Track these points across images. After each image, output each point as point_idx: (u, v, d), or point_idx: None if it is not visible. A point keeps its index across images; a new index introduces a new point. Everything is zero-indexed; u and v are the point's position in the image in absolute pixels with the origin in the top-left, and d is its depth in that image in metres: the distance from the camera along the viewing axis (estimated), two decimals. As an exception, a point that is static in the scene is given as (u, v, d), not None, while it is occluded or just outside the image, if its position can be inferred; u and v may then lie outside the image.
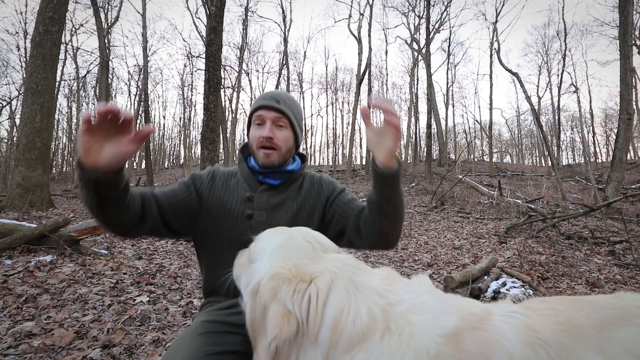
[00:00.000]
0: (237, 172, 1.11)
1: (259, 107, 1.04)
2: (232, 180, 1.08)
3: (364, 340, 0.53)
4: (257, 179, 1.07)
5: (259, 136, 1.03)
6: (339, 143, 36.16)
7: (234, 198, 1.04)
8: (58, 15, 7.03)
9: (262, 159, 1.03)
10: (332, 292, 0.57)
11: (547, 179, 17.12)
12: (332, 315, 0.54)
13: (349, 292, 0.57)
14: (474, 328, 0.54)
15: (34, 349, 1.62)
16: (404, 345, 0.52)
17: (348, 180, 17.99)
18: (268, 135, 1.01)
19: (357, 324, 0.54)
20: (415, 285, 0.63)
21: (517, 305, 0.61)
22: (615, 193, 8.62)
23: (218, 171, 1.10)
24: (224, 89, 22.58)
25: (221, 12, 6.92)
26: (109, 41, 18.39)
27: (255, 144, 1.04)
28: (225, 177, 1.09)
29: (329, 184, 1.12)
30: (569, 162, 36.79)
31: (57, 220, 3.33)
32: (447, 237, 5.42)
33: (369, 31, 20.36)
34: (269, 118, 1.03)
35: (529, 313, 0.58)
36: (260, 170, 1.05)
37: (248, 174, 1.07)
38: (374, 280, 0.61)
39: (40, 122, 6.73)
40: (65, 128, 31.56)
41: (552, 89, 29.80)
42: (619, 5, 9.48)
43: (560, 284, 3.02)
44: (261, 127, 1.04)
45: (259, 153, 1.03)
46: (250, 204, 1.03)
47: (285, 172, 1.07)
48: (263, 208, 1.03)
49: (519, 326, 0.55)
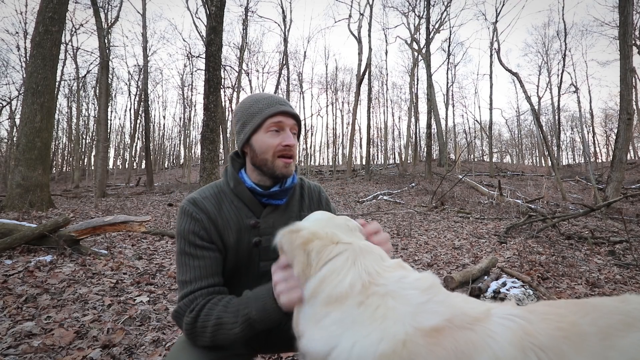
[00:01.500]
0: (225, 194, 0.96)
1: (277, 113, 0.94)
2: (225, 206, 0.94)
3: (340, 303, 0.63)
4: (260, 202, 0.97)
5: (278, 144, 0.93)
6: (339, 143, 36.21)
7: (236, 228, 0.93)
8: (58, 15, 7.03)
9: (282, 169, 0.94)
10: (338, 256, 0.68)
11: (547, 179, 17.12)
12: (325, 271, 0.67)
13: (348, 262, 0.67)
14: (461, 328, 0.56)
15: (34, 349, 1.62)
16: (376, 323, 0.58)
17: (348, 180, 17.97)
18: (293, 143, 0.94)
19: (337, 287, 0.64)
20: (412, 280, 0.65)
21: (520, 309, 0.61)
22: (615, 193, 8.62)
23: (204, 206, 0.92)
24: (224, 89, 22.59)
25: (221, 12, 6.92)
26: (109, 41, 18.38)
27: (272, 152, 0.93)
28: (215, 206, 0.93)
29: (325, 203, 1.11)
30: (569, 162, 36.83)
31: (57, 220, 3.33)
32: (447, 237, 5.42)
33: (369, 31, 20.36)
34: (288, 125, 0.95)
35: (530, 317, 0.58)
36: (263, 192, 0.95)
37: (250, 198, 0.96)
38: (376, 264, 0.68)
39: (40, 122, 6.73)
40: (65, 128, 31.61)
41: (552, 89, 29.86)
42: (619, 5, 9.48)
43: (560, 284, 3.02)
44: (279, 134, 0.94)
45: (277, 162, 0.93)
46: (256, 230, 0.95)
47: (287, 189, 0.99)
48: (270, 233, 0.94)
49: (515, 330, 0.55)
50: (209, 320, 0.79)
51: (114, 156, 37.19)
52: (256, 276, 0.97)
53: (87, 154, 29.09)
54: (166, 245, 4.27)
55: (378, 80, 33.64)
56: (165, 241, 4.52)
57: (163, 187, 17.36)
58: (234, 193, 0.96)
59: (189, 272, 0.87)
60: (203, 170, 6.51)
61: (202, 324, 0.80)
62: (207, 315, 0.80)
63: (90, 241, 4.03)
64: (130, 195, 12.62)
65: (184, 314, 0.83)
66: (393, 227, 6.30)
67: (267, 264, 0.96)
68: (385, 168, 26.16)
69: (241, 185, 0.96)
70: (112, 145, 33.51)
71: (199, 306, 0.82)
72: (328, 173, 23.80)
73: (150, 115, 23.55)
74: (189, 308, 0.83)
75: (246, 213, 0.95)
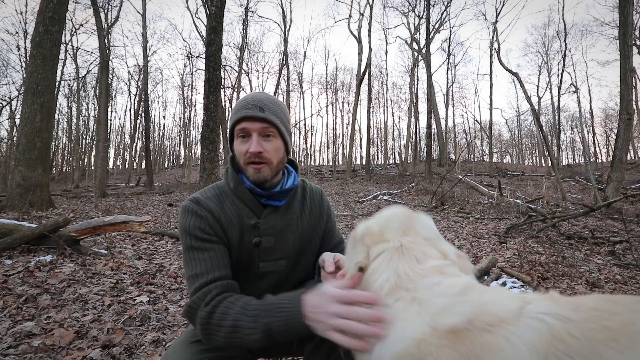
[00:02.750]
0: (227, 194, 0.96)
1: (240, 119, 0.90)
2: (227, 206, 0.94)
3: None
4: (260, 202, 0.96)
5: (245, 151, 0.90)
6: (339, 143, 36.20)
7: (237, 228, 0.93)
8: (58, 15, 7.03)
9: (253, 175, 0.91)
10: (380, 255, 0.71)
11: (547, 179, 17.12)
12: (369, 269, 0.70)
13: (384, 262, 0.70)
14: (481, 330, 0.52)
15: (34, 349, 1.62)
16: (398, 326, 0.59)
17: (348, 180, 17.98)
18: (256, 151, 0.89)
19: (370, 288, 0.68)
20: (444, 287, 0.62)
21: (560, 305, 0.53)
22: (615, 193, 8.62)
23: (207, 204, 0.92)
24: (224, 89, 22.59)
25: (221, 12, 6.92)
26: (109, 41, 18.39)
27: (243, 159, 0.92)
28: (217, 206, 0.93)
29: (327, 209, 1.11)
30: (569, 162, 36.82)
31: (57, 220, 3.33)
32: (447, 237, 5.42)
33: (369, 31, 20.38)
34: (254, 130, 0.90)
35: (570, 315, 0.50)
36: (262, 193, 0.94)
37: (250, 198, 0.95)
38: (408, 266, 0.68)
39: (40, 122, 6.73)
40: (65, 128, 31.60)
41: (552, 89, 29.87)
42: (619, 5, 9.47)
43: (560, 284, 3.02)
44: (246, 140, 0.91)
45: (247, 169, 0.92)
46: (256, 231, 0.94)
47: (287, 190, 0.98)
48: (270, 234, 0.95)
49: (542, 332, 0.49)
50: (225, 319, 0.76)
51: (114, 156, 37.24)
52: (256, 277, 0.97)
53: (87, 154, 29.08)
54: (166, 245, 4.27)
55: (378, 80, 33.68)
56: (165, 241, 4.52)
57: (163, 187, 17.36)
58: (234, 193, 0.96)
59: (198, 265, 0.85)
60: (203, 170, 6.51)
61: (217, 322, 0.77)
62: (223, 314, 0.77)
63: (90, 241, 4.03)
64: (130, 195, 12.62)
65: (199, 307, 0.80)
66: (393, 227, 6.29)
67: (266, 264, 0.97)
68: (385, 168, 26.17)
69: (241, 186, 0.95)
70: (112, 145, 33.55)
71: (214, 300, 0.79)
72: (328, 173, 23.81)
73: (150, 115, 23.56)
74: (203, 301, 0.80)
75: (247, 213, 0.94)
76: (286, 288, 1.00)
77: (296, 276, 1.03)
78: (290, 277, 1.02)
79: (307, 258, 1.04)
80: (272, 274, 0.98)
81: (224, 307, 0.78)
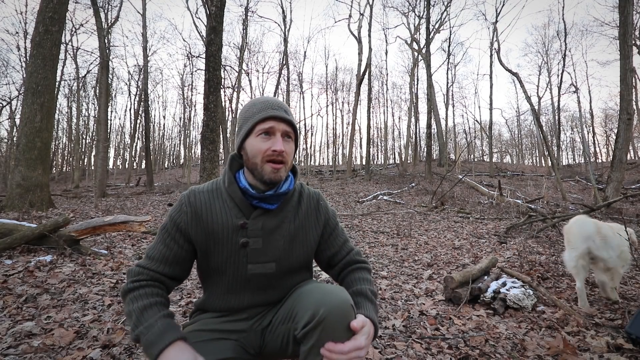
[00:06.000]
0: (221, 191, 0.98)
1: (268, 118, 0.93)
2: (217, 203, 0.96)
3: None
4: (251, 204, 0.96)
5: (267, 149, 0.92)
6: (339, 143, 36.24)
7: (225, 227, 0.94)
8: (58, 15, 7.03)
9: (270, 174, 0.92)
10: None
11: (547, 179, 17.13)
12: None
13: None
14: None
15: (34, 349, 1.62)
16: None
17: (348, 180, 17.97)
18: (282, 149, 0.91)
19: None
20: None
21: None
22: (615, 193, 8.63)
23: (197, 200, 0.97)
24: (224, 89, 22.59)
25: (221, 12, 6.92)
26: (109, 41, 18.38)
27: (261, 156, 0.92)
28: (207, 202, 0.96)
29: (325, 212, 1.09)
30: (569, 162, 36.83)
31: (57, 220, 3.33)
32: (447, 237, 5.42)
33: (369, 31, 20.38)
34: (279, 130, 0.93)
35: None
36: (255, 195, 0.94)
37: (241, 199, 0.96)
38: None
39: (40, 122, 6.73)
40: (65, 128, 31.60)
41: (552, 89, 29.91)
42: (619, 5, 9.47)
43: (560, 284, 3.02)
44: (269, 138, 0.93)
45: (265, 167, 0.92)
46: (244, 231, 0.94)
47: (281, 194, 0.96)
48: (259, 235, 0.95)
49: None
50: (129, 304, 0.87)
51: (114, 156, 37.21)
52: (244, 279, 0.97)
53: (87, 154, 29.09)
54: (166, 245, 4.26)
55: (378, 80, 33.69)
56: (165, 241, 4.51)
57: (163, 187, 17.35)
58: (227, 192, 0.97)
59: (157, 249, 0.95)
60: (203, 170, 6.51)
61: (127, 300, 0.89)
62: (131, 300, 0.88)
63: (90, 241, 4.03)
64: (130, 195, 12.62)
65: (129, 277, 0.92)
66: (393, 227, 6.30)
67: (254, 266, 0.95)
68: (385, 168, 26.17)
69: (233, 185, 0.96)
70: (112, 145, 33.54)
71: (138, 283, 0.91)
72: (328, 173, 23.81)
73: (150, 115, 23.57)
74: (135, 277, 0.92)
75: (236, 213, 0.95)
76: (277, 291, 1.00)
77: (287, 280, 1.01)
78: (280, 280, 1.00)
79: (298, 262, 1.02)
80: (261, 277, 0.97)
81: (136, 294, 0.89)
